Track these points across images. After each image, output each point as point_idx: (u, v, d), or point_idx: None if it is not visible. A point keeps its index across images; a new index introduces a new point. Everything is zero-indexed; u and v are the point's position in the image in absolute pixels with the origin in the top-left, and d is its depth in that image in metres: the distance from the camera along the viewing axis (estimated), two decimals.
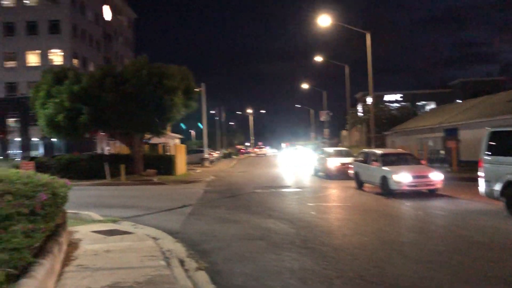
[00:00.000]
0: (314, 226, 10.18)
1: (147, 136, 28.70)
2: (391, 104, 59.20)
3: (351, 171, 18.83)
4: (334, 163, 22.32)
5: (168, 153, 31.14)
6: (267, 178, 26.62)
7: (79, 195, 16.74)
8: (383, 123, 46.16)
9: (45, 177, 7.12)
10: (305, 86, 73.03)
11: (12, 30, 57.44)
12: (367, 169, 16.87)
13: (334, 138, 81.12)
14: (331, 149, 25.71)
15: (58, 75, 23.71)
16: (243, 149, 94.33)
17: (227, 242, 8.62)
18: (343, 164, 21.74)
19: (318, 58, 49.44)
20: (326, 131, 77.72)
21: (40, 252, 5.31)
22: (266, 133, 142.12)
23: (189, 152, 38.79)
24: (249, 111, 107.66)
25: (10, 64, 57.72)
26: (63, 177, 22.67)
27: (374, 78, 32.56)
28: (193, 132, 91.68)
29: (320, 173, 24.62)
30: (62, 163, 24.87)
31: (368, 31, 29.68)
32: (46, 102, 22.89)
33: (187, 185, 22.46)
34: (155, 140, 35.88)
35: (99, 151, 58.30)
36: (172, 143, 37.63)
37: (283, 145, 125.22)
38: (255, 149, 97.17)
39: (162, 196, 17.49)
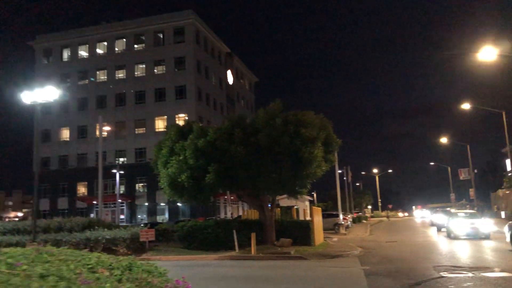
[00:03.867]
0: None
1: (278, 197, 24.69)
2: None
3: None
4: None
5: (302, 219, 26.59)
6: (431, 251, 20.57)
7: (204, 277, 12.83)
8: None
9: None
10: (443, 140, 64.82)
11: (143, 98, 59.88)
12: None
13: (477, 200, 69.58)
14: None
15: (182, 129, 21.10)
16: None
17: None
18: None
19: (465, 106, 42.55)
20: (472, 192, 67.34)
21: None
22: (393, 195, 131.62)
23: None
24: (375, 171, 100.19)
25: (140, 130, 59.67)
26: (187, 247, 19.07)
27: None
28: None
29: None
30: (185, 231, 21.63)
31: None
32: (169, 161, 20.15)
33: (335, 262, 17.42)
34: (284, 202, 31.77)
35: (222, 215, 56.09)
36: (303, 206, 33.10)
37: (413, 207, 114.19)
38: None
39: (310, 280, 12.70)
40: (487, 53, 25.10)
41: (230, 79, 70.95)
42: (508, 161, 71.30)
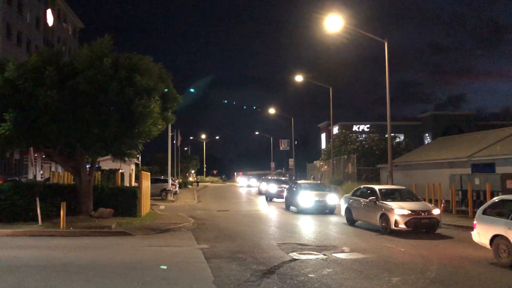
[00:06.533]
0: None
1: (100, 159, 20.73)
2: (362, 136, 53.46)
3: None
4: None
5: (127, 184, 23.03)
6: (269, 223, 19.54)
7: None
8: (375, 155, 40.55)
9: None
10: (271, 111, 67.18)
11: None
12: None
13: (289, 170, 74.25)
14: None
15: None
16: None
17: None
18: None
19: (299, 78, 43.49)
20: (291, 162, 71.53)
21: None
22: (220, 161, 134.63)
23: None
24: (203, 136, 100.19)
25: None
26: None
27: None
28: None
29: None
30: None
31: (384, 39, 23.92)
32: None
33: (165, 238, 14.68)
34: (106, 164, 27.58)
35: (31, 177, 48.12)
36: (128, 169, 29.38)
37: (235, 174, 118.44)
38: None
39: (134, 270, 9.62)
40: (333, 23, 24.31)
41: (49, 19, 60.87)
42: (323, 135, 78.08)
